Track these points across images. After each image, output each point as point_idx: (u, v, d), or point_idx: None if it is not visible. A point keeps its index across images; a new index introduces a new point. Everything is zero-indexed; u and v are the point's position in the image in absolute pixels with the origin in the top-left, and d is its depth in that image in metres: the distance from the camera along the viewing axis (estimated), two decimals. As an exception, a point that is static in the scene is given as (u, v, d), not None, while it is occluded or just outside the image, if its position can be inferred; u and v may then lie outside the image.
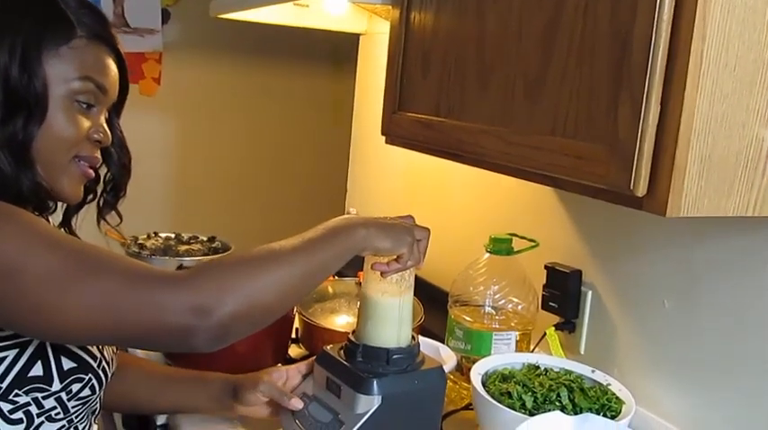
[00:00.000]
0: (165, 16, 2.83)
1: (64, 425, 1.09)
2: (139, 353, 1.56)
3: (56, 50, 1.03)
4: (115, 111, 1.19)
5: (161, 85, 2.84)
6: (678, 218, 0.90)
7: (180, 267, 1.94)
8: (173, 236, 2.19)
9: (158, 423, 1.49)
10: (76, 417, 1.11)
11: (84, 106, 1.07)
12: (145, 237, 2.14)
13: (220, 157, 2.92)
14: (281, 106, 3.13)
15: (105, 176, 1.21)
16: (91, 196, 1.20)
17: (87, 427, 1.16)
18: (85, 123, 1.08)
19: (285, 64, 3.08)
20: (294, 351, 1.74)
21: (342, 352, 1.21)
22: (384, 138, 1.53)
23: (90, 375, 1.09)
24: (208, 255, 2.05)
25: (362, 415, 1.13)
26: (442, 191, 2.00)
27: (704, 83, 0.87)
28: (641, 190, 0.91)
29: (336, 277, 1.95)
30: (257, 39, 2.89)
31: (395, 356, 1.17)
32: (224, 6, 2.13)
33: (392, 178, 2.27)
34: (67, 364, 1.05)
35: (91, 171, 1.12)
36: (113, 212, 1.25)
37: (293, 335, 1.72)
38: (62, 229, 1.22)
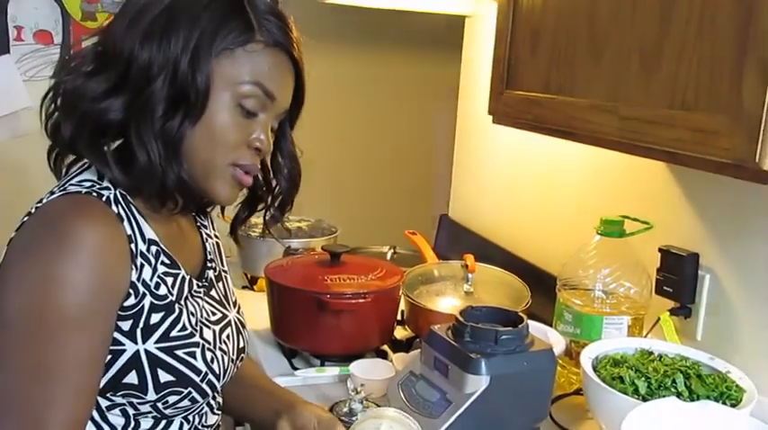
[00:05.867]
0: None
1: (167, 420, 1.09)
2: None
3: (230, 51, 0.99)
4: (289, 121, 1.15)
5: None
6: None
7: (288, 249, 1.98)
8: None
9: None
10: (182, 416, 1.11)
11: (249, 112, 1.03)
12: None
13: (327, 143, 2.96)
14: (387, 92, 3.14)
15: (275, 189, 1.18)
16: (261, 205, 1.19)
17: (200, 419, 1.15)
18: (247, 129, 1.04)
19: (390, 49, 3.09)
20: (400, 333, 1.74)
21: (449, 332, 1.20)
22: (491, 118, 1.50)
23: (190, 388, 1.05)
24: (315, 237, 2.08)
25: (471, 394, 1.12)
26: (550, 173, 1.96)
27: (840, 46, 0.81)
28: (768, 163, 0.86)
29: (442, 260, 1.95)
30: (364, 25, 2.91)
31: (503, 337, 1.15)
32: (333, -10, 2.16)
33: (498, 161, 2.24)
34: (165, 377, 1.02)
35: (248, 178, 1.07)
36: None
37: (399, 317, 1.72)
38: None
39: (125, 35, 0.98)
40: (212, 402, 1.18)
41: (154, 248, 1.04)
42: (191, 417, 1.12)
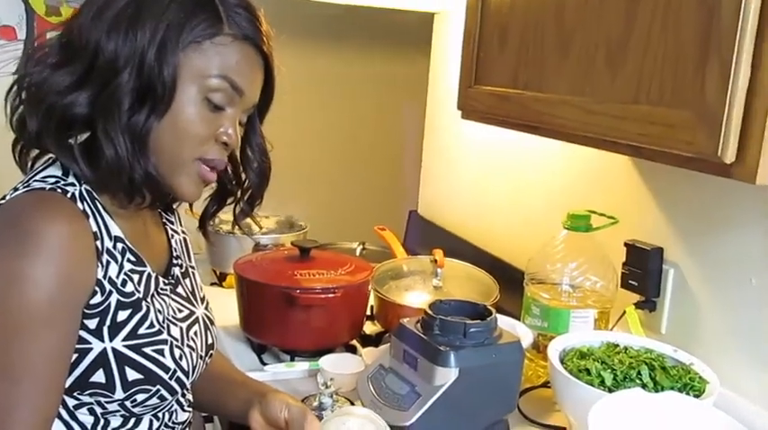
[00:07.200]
0: None
1: (136, 418, 1.08)
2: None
3: (198, 44, 0.98)
4: (258, 115, 1.13)
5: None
6: (768, 187, 0.87)
7: (257, 245, 1.98)
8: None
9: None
10: (152, 414, 1.10)
11: (217, 106, 1.01)
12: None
13: (296, 139, 2.95)
14: (357, 88, 3.14)
15: (244, 183, 1.17)
16: (231, 199, 1.18)
17: (170, 416, 1.15)
18: (215, 123, 1.02)
19: (361, 46, 3.09)
20: (369, 328, 1.75)
21: (419, 325, 1.21)
22: (460, 114, 1.51)
23: (158, 386, 1.04)
24: (284, 233, 2.08)
25: (439, 387, 1.13)
26: (517, 169, 1.98)
27: (799, 43, 0.83)
28: (730, 156, 0.88)
29: (410, 255, 1.96)
30: (334, 22, 2.90)
31: (472, 330, 1.16)
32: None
33: (466, 157, 2.25)
34: (133, 376, 1.01)
35: (212, 175, 1.06)
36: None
37: (368, 313, 1.73)
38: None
39: (91, 27, 0.96)
40: (182, 399, 1.17)
41: (120, 245, 1.03)
42: (160, 415, 1.11)
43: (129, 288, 1.02)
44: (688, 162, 0.95)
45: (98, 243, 0.98)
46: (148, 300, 1.05)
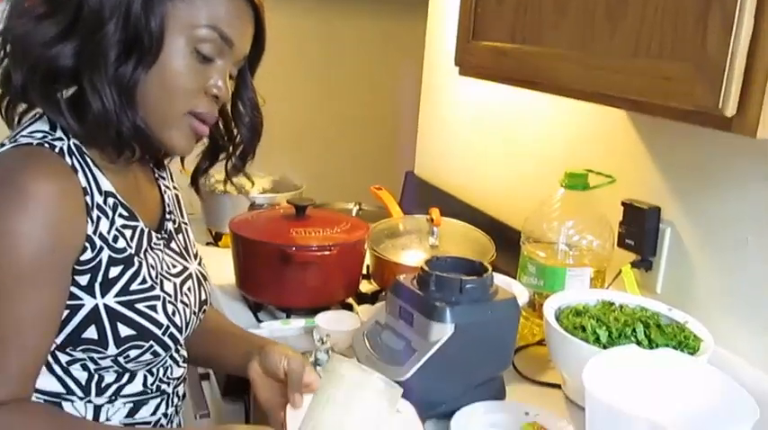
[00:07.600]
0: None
1: (130, 374, 1.08)
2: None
3: None
4: (249, 69, 1.11)
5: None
6: (768, 142, 0.87)
7: (252, 205, 1.97)
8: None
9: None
10: (146, 369, 1.10)
11: (206, 57, 0.99)
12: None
13: (292, 98, 2.93)
14: (353, 46, 3.10)
15: (236, 138, 1.15)
16: (223, 155, 1.17)
17: (164, 372, 1.14)
18: (204, 75, 1.00)
19: (353, 4, 3.05)
20: (365, 286, 1.75)
21: (415, 281, 1.21)
22: (457, 72, 1.50)
23: (151, 342, 1.04)
24: (280, 192, 2.07)
25: (435, 342, 1.13)
26: (515, 127, 1.96)
27: (803, -8, 0.82)
28: (730, 109, 0.87)
29: (406, 214, 1.96)
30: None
31: (468, 286, 1.16)
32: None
33: (463, 116, 2.24)
34: (125, 332, 1.01)
35: (204, 128, 1.04)
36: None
37: (364, 272, 1.73)
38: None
39: None
40: (176, 355, 1.17)
41: (111, 200, 1.01)
42: (154, 370, 1.11)
43: (121, 244, 1.01)
44: (688, 115, 0.94)
45: (87, 198, 0.97)
46: (141, 255, 1.05)
